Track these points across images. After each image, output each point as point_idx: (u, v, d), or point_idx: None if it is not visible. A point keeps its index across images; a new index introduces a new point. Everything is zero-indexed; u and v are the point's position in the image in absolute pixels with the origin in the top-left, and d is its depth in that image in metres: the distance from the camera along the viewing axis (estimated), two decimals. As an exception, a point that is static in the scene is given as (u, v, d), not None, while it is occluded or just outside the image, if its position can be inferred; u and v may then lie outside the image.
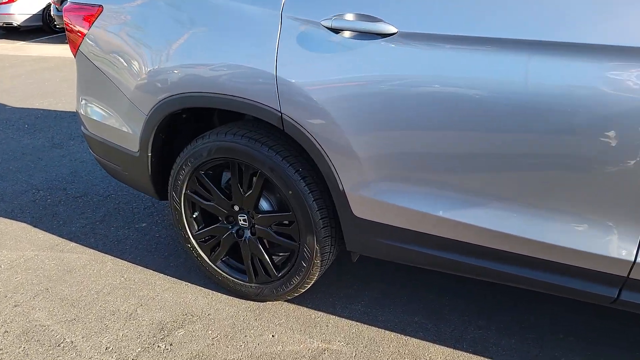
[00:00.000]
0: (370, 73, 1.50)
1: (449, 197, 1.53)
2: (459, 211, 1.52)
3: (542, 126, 1.33)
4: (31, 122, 4.52)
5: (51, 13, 9.99)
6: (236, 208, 1.96)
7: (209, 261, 2.10)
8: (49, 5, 10.35)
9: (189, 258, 2.38)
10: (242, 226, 1.98)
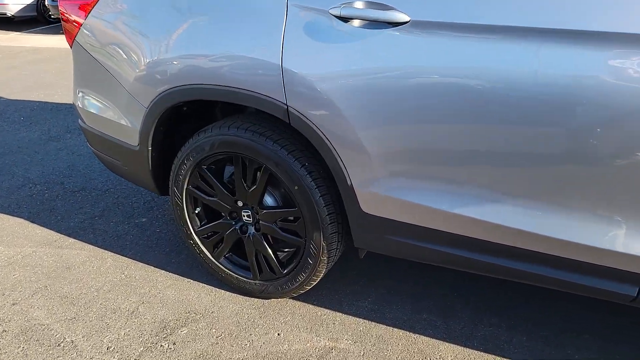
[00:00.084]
0: (381, 64, 1.43)
1: (462, 194, 1.47)
2: (473, 207, 1.47)
3: (562, 119, 1.28)
4: (27, 114, 4.44)
5: (46, 3, 9.82)
6: (240, 204, 1.90)
7: (212, 258, 2.05)
8: (43, -6, 10.21)
9: (191, 254, 2.33)
10: (246, 222, 1.92)
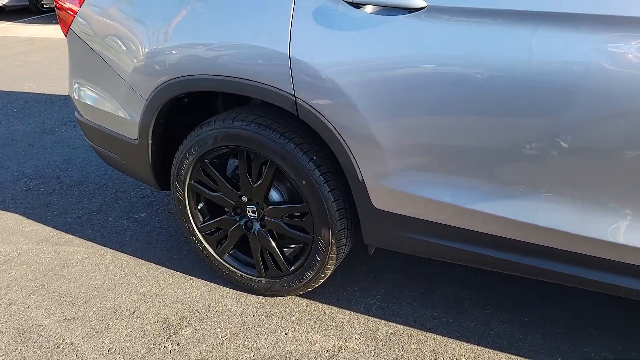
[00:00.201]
0: (395, 52, 1.36)
1: (478, 189, 1.41)
2: (490, 203, 1.40)
3: (585, 111, 1.21)
4: (20, 106, 4.34)
5: (38, -8, 9.64)
6: (244, 199, 1.83)
7: (215, 255, 1.98)
8: (35, -16, 9.99)
9: (193, 251, 2.26)
10: (251, 218, 1.86)
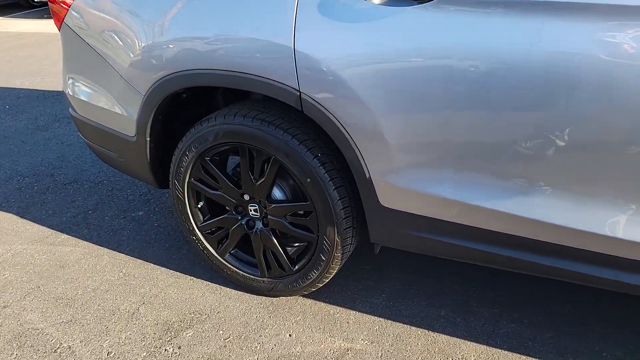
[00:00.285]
0: (405, 45, 1.31)
1: (491, 186, 1.36)
2: (503, 201, 1.36)
3: (604, 105, 1.17)
4: (12, 103, 4.25)
5: (28, -14, 9.48)
6: (246, 197, 1.78)
7: (216, 254, 1.93)
8: (25, -22, 9.81)
9: (192, 249, 2.21)
10: (253, 217, 1.81)
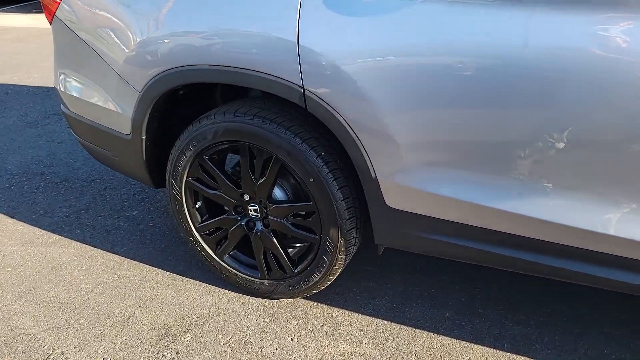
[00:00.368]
0: (415, 40, 1.26)
1: (502, 186, 1.32)
2: (513, 201, 1.32)
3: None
4: (0, 99, 4.14)
5: (16, -20, 9.29)
6: (246, 197, 1.73)
7: (214, 256, 1.87)
8: (13, -29, 9.62)
9: (189, 250, 2.15)
10: (253, 217, 1.75)
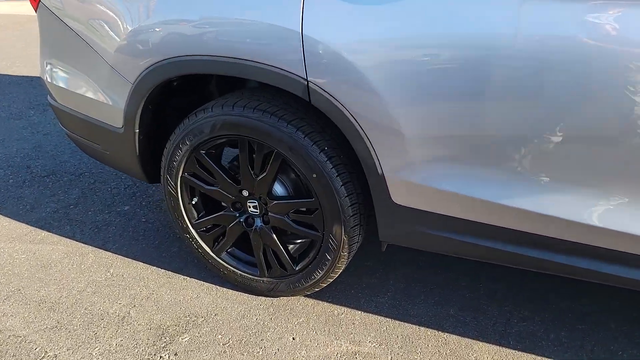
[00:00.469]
0: (424, 29, 1.20)
1: (512, 182, 1.28)
2: (524, 198, 1.28)
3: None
4: (-18, 88, 4.01)
5: (-5, -35, 9.00)
6: (245, 193, 1.66)
7: (212, 253, 1.81)
8: (-9, -45, 9.32)
9: (184, 247, 2.09)
10: (252, 214, 1.69)
